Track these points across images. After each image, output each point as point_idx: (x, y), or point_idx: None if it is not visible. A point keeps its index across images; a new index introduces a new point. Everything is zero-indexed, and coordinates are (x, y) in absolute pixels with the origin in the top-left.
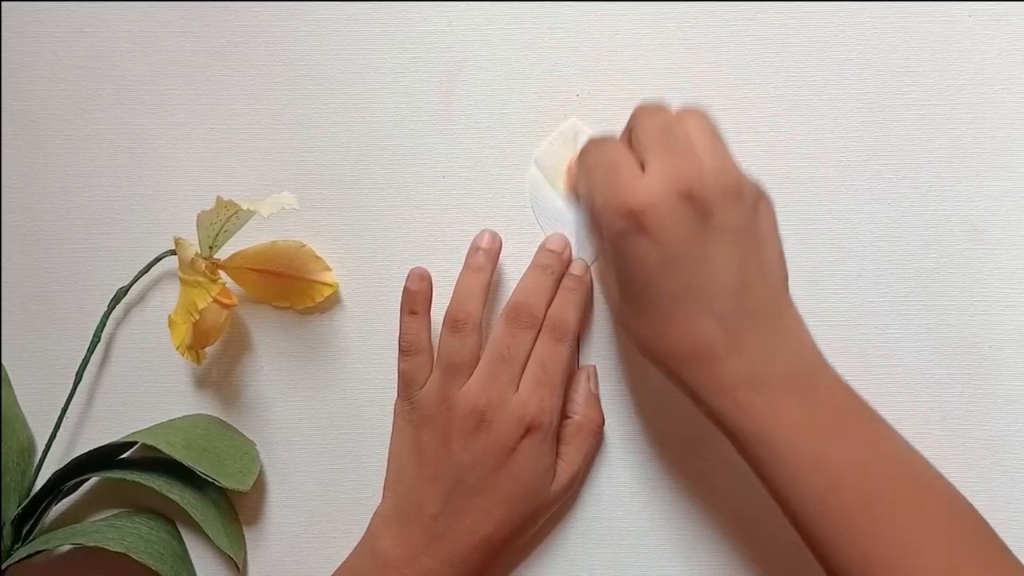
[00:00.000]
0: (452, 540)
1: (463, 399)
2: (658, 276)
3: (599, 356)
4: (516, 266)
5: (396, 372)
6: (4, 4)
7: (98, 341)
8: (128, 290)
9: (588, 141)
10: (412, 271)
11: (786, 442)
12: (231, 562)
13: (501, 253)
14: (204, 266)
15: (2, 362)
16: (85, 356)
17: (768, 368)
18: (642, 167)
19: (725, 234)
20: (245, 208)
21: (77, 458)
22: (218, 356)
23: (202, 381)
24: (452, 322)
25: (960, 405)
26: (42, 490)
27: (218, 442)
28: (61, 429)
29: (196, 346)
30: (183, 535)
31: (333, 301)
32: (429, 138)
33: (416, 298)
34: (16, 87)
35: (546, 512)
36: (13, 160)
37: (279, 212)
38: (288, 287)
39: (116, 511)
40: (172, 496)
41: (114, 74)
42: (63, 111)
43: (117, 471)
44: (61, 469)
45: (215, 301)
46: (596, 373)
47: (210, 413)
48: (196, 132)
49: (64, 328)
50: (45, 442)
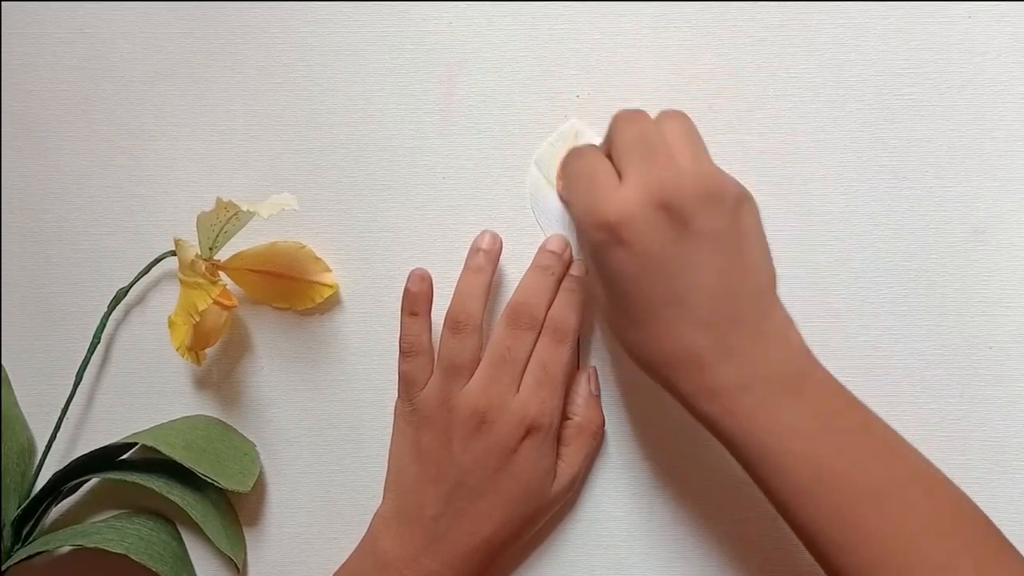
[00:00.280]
0: (453, 541)
1: (464, 400)
2: (639, 286)
3: (599, 357)
4: (516, 267)
5: (396, 373)
6: (4, 4)
7: (98, 342)
8: (128, 291)
9: (570, 151)
10: (412, 272)
11: (777, 444)
12: (231, 563)
13: (501, 254)
14: (204, 267)
15: (2, 362)
16: (85, 356)
17: (756, 371)
18: (620, 177)
19: (705, 241)
20: (245, 209)
21: (77, 459)
22: (218, 357)
23: (202, 382)
24: (453, 323)
25: (960, 406)
26: (42, 491)
27: (218, 443)
28: (61, 430)
29: (196, 347)
30: (183, 536)
31: (333, 302)
32: (429, 138)
33: (417, 299)
34: (16, 87)
35: (546, 513)
36: (13, 160)
37: (279, 213)
38: (288, 288)
39: (116, 512)
40: (172, 497)
41: (114, 74)
42: (63, 111)
43: (117, 472)
44: (61, 470)
45: (215, 302)
46: (596, 374)
47: (210, 414)
48: (196, 132)
49: (64, 328)
50: (45, 443)
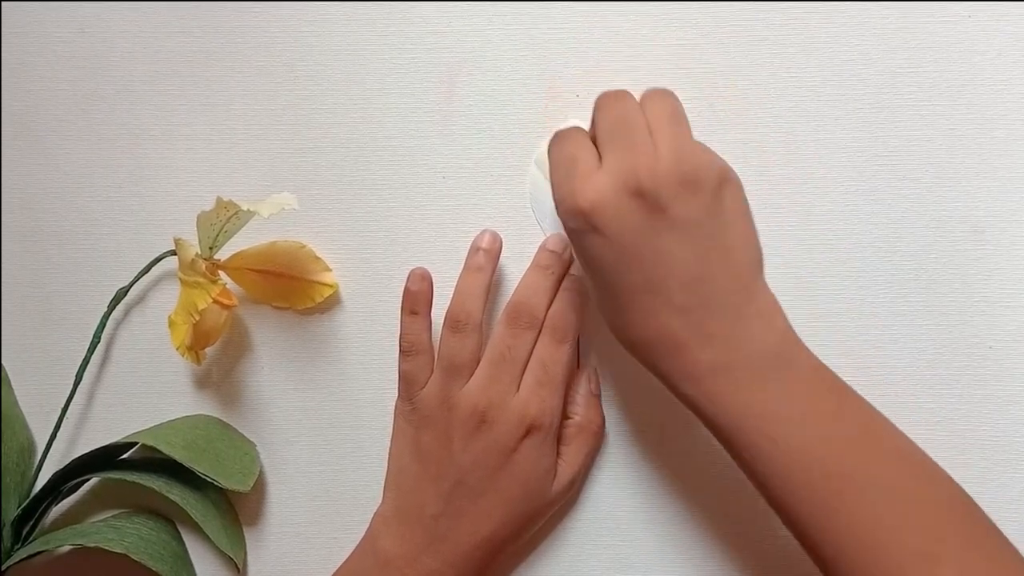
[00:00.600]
0: (453, 540)
1: (464, 400)
2: (615, 272)
3: (599, 357)
4: (516, 266)
5: (396, 373)
6: (4, 4)
7: (98, 341)
8: (128, 290)
9: (555, 134)
10: (413, 271)
11: (755, 428)
12: (231, 563)
13: (501, 253)
14: (204, 267)
15: (2, 362)
16: (85, 356)
17: (735, 356)
18: (598, 162)
19: (682, 227)
20: (245, 208)
21: (77, 459)
22: (218, 357)
23: (202, 381)
24: (453, 322)
25: (960, 405)
26: (42, 491)
27: (218, 443)
28: (61, 429)
29: (196, 347)
30: (183, 535)
31: (333, 302)
32: (429, 138)
33: (417, 298)
34: (16, 87)
35: (547, 513)
36: (13, 160)
37: (279, 212)
38: (288, 288)
39: (116, 512)
40: (172, 497)
41: (114, 74)
42: (63, 111)
43: (117, 472)
44: (61, 470)
45: (215, 302)
46: (597, 374)
47: (210, 413)
48: (196, 132)
49: (64, 328)
50: (45, 442)
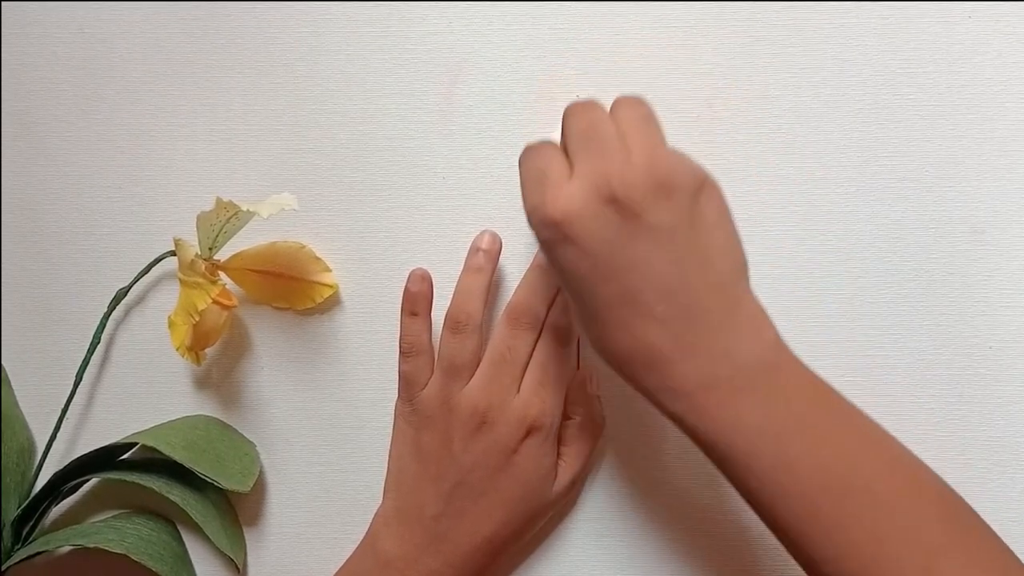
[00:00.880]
0: (453, 541)
1: (464, 400)
2: (591, 284)
3: (600, 357)
4: (516, 266)
5: (397, 373)
6: (4, 4)
7: (98, 342)
8: (128, 290)
9: (525, 147)
10: (413, 272)
11: (747, 444)
12: (231, 563)
13: (501, 253)
14: (204, 267)
15: (2, 362)
16: (85, 356)
17: (722, 368)
18: (569, 172)
19: (657, 234)
20: (245, 209)
21: (77, 459)
22: (218, 357)
23: (202, 382)
24: (453, 323)
25: (960, 406)
26: (42, 491)
27: (218, 443)
28: (61, 430)
29: (196, 347)
30: (183, 536)
31: (333, 302)
32: (429, 138)
33: (417, 299)
34: (16, 87)
35: (547, 513)
36: (13, 160)
37: (279, 213)
38: (288, 288)
39: (116, 512)
40: (172, 497)
41: (114, 74)
42: (63, 111)
43: (117, 472)
44: (61, 470)
45: (215, 302)
46: (597, 374)
47: (210, 414)
48: (196, 132)
49: (64, 328)
50: (45, 443)
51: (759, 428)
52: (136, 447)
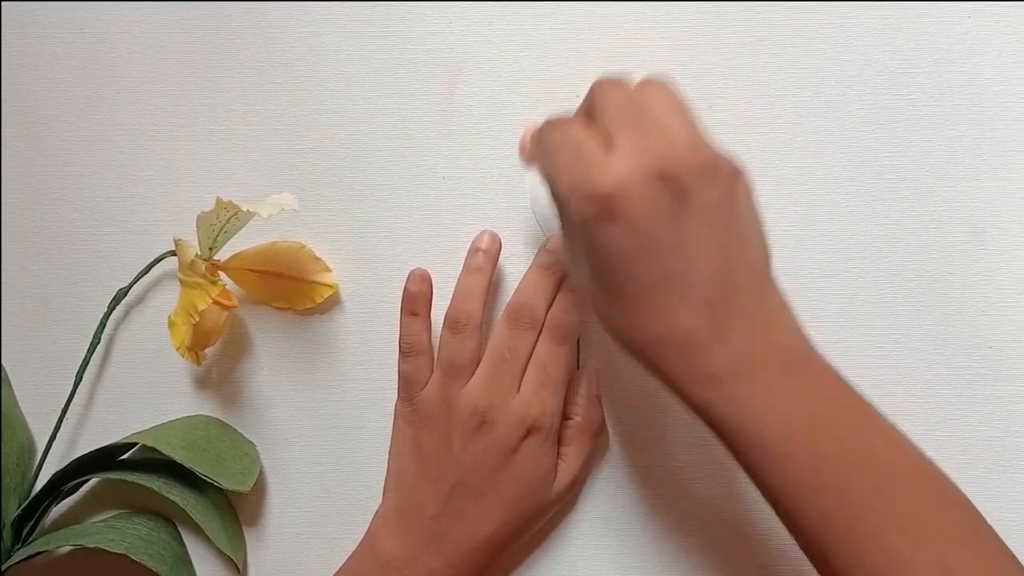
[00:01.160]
0: (453, 541)
1: (464, 400)
2: (633, 264)
3: (599, 357)
4: (516, 266)
5: (396, 373)
6: (4, 4)
7: (98, 342)
8: (128, 291)
9: (544, 122)
10: (412, 272)
11: (778, 433)
12: (231, 563)
13: (501, 253)
14: (204, 267)
15: (2, 362)
16: (85, 356)
17: (755, 356)
18: (607, 148)
19: (703, 215)
20: (245, 209)
21: (77, 459)
22: (218, 357)
23: (202, 382)
24: (452, 323)
25: (960, 405)
26: (42, 491)
27: (218, 443)
28: (61, 430)
29: (196, 347)
30: (183, 536)
31: (333, 302)
32: (429, 138)
33: (416, 299)
34: (16, 87)
35: (547, 513)
36: (13, 160)
37: (279, 213)
38: (288, 288)
39: (116, 512)
40: (172, 497)
41: (114, 74)
42: (63, 111)
43: (117, 472)
44: (61, 470)
45: (215, 302)
46: (597, 374)
47: (210, 414)
48: (196, 132)
49: (64, 328)
50: (45, 443)
51: (791, 417)
52: (136, 447)
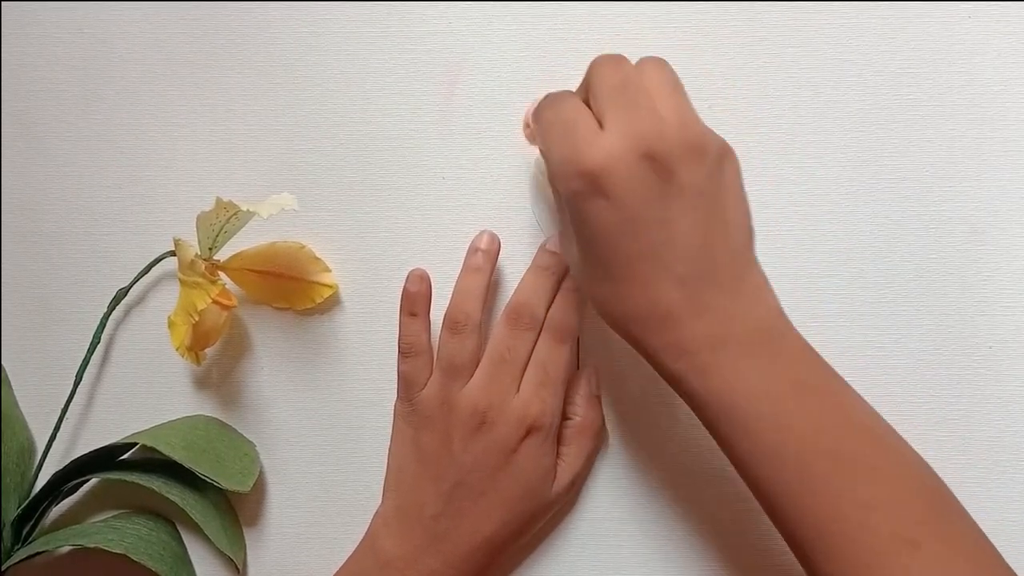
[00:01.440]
0: (453, 541)
1: (464, 400)
2: (617, 239)
3: (599, 357)
4: (516, 266)
5: (396, 373)
6: (4, 4)
7: (98, 342)
8: (128, 290)
9: (544, 97)
10: (411, 272)
11: (746, 405)
12: (231, 563)
13: (501, 253)
14: (204, 267)
15: (2, 362)
16: (85, 356)
17: (729, 330)
18: (600, 125)
19: (687, 194)
20: (245, 209)
21: (77, 459)
22: (218, 357)
23: (202, 382)
24: (452, 323)
25: (960, 406)
26: (42, 491)
27: (218, 443)
28: (61, 430)
29: (196, 347)
30: (183, 536)
31: (333, 302)
32: (429, 138)
33: (415, 299)
34: (16, 87)
35: (547, 513)
36: (13, 160)
37: (279, 213)
38: (288, 288)
39: (116, 512)
40: (172, 497)
41: (114, 74)
42: (63, 111)
43: (117, 472)
44: (61, 470)
45: (215, 302)
46: (597, 374)
47: (210, 414)
48: (196, 132)
49: (64, 328)
50: (45, 443)
51: (760, 390)
52: (136, 447)
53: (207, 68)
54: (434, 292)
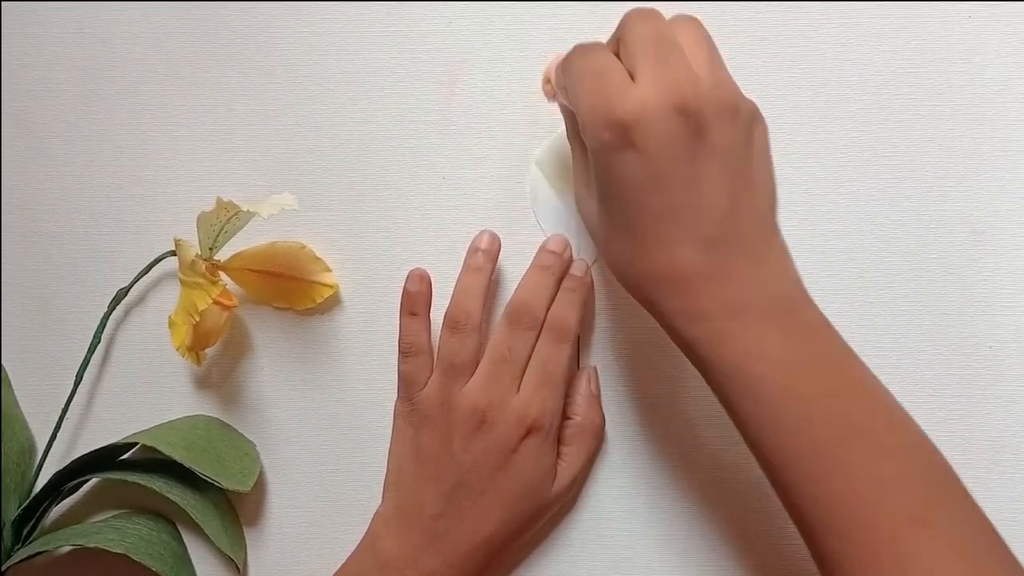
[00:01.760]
0: (453, 541)
1: (464, 400)
2: (642, 194)
3: (599, 356)
4: (516, 266)
5: (396, 373)
6: (4, 4)
7: (98, 342)
8: (128, 290)
9: (573, 48)
10: (411, 272)
11: (762, 374)
12: (231, 563)
13: (501, 253)
14: (204, 267)
15: (2, 362)
16: (85, 356)
17: (749, 297)
18: (632, 77)
19: (718, 153)
20: (245, 209)
21: (77, 459)
22: (218, 357)
23: (202, 382)
24: (452, 323)
25: (960, 405)
26: (42, 491)
27: (218, 443)
28: (61, 430)
29: (196, 347)
30: (183, 536)
31: (333, 302)
32: (429, 138)
33: (416, 299)
34: (16, 87)
35: (547, 513)
36: (13, 160)
37: (279, 213)
38: (288, 288)
39: (116, 512)
40: (172, 497)
41: (114, 74)
42: (63, 111)
43: (117, 472)
44: (61, 470)
45: (215, 302)
46: (597, 374)
47: (210, 414)
48: (196, 132)
49: (64, 328)
50: (45, 443)
51: (776, 359)
52: (136, 447)
53: (207, 68)
54: (434, 292)
